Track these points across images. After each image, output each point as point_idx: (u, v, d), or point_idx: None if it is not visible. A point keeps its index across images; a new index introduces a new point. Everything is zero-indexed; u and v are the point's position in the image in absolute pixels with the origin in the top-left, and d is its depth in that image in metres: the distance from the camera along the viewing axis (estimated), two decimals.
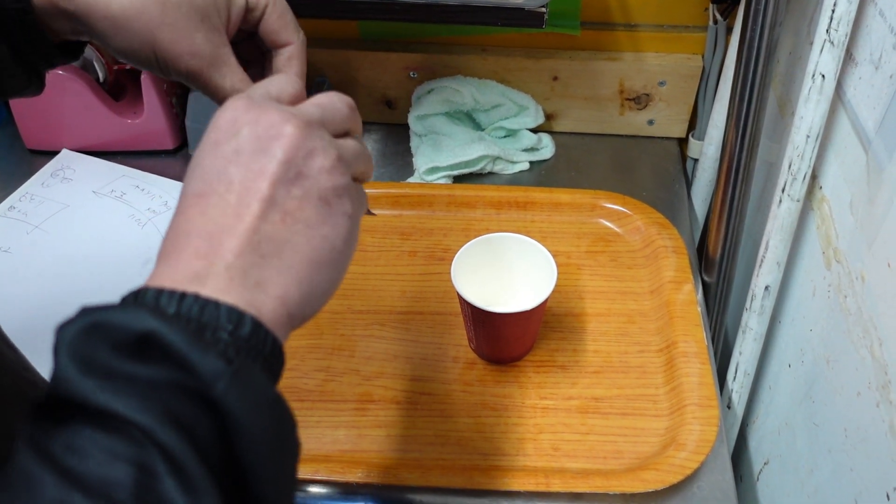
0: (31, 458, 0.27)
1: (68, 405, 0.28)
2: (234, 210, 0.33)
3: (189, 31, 0.44)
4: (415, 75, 0.95)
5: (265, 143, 0.35)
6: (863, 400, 0.54)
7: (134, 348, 0.29)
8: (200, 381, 0.28)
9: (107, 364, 0.28)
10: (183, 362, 0.28)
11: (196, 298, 0.30)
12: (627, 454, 0.63)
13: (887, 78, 0.53)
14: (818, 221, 0.65)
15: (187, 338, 0.29)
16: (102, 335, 0.29)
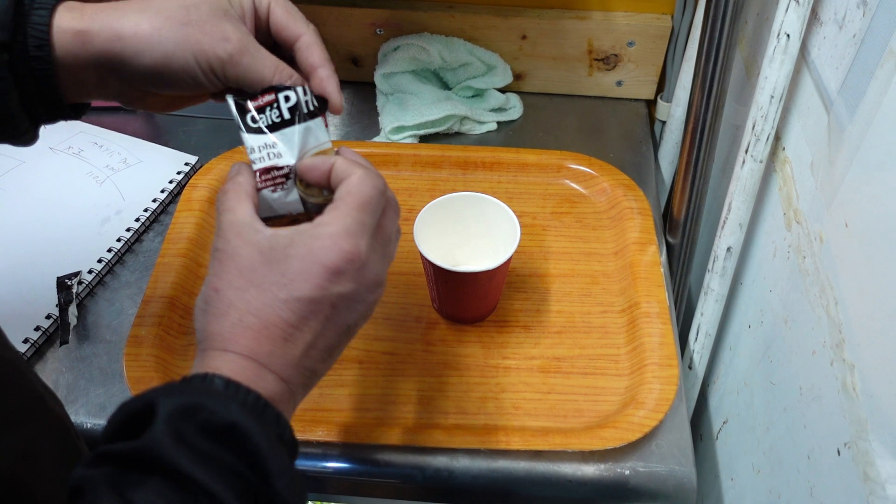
0: (113, 501, 0.33)
1: (154, 463, 0.34)
2: (307, 344, 0.42)
3: (216, 23, 0.46)
4: (381, 32, 0.93)
5: (360, 306, 0.43)
6: (818, 359, 0.55)
7: (220, 435, 0.36)
8: (268, 473, 0.36)
9: (194, 440, 0.35)
10: (256, 456, 0.36)
11: (260, 399, 0.39)
12: (588, 413, 0.64)
13: (850, 37, 0.53)
14: (780, 182, 0.65)
15: (263, 434, 0.36)
16: (197, 417, 0.36)
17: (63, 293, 0.71)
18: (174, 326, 0.68)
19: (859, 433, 0.47)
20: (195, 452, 0.35)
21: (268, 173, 0.47)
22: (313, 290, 0.41)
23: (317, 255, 0.41)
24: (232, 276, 0.41)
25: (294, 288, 0.41)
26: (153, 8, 0.45)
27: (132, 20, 0.44)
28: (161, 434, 0.35)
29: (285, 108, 0.47)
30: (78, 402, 0.65)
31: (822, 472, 0.53)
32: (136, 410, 0.37)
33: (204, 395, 0.37)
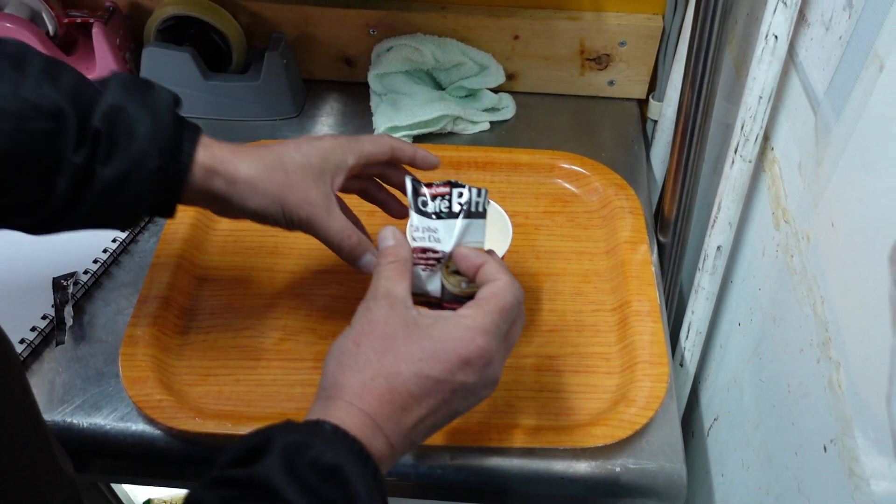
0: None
1: (265, 491, 0.38)
2: (416, 421, 0.46)
3: (307, 188, 0.56)
4: (374, 32, 0.94)
5: (473, 389, 0.47)
6: (805, 356, 0.56)
7: (326, 475, 0.39)
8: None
9: (303, 474, 0.39)
10: (356, 498, 0.39)
11: (364, 451, 0.42)
12: (579, 410, 0.64)
13: (837, 39, 0.54)
14: (769, 182, 0.66)
15: (366, 485, 0.40)
16: (307, 453, 0.40)
17: (59, 293, 0.72)
18: (169, 326, 0.69)
19: (845, 430, 0.48)
20: (302, 485, 0.38)
21: (424, 253, 0.53)
22: (442, 373, 0.45)
23: (454, 342, 0.46)
24: (375, 339, 0.46)
25: (426, 365, 0.45)
26: (264, 163, 0.55)
27: (245, 170, 0.55)
28: (274, 464, 0.39)
29: (455, 202, 0.53)
30: (74, 401, 0.66)
31: (809, 468, 0.54)
32: (256, 443, 0.41)
33: (316, 436, 0.41)
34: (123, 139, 0.51)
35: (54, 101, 0.49)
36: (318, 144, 0.58)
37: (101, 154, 0.51)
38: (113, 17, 0.92)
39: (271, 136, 0.91)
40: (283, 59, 0.91)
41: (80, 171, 0.50)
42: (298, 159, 0.57)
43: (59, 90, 0.50)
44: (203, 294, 0.73)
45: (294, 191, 0.56)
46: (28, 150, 0.49)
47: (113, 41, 0.91)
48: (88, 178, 0.51)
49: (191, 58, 0.90)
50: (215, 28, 0.92)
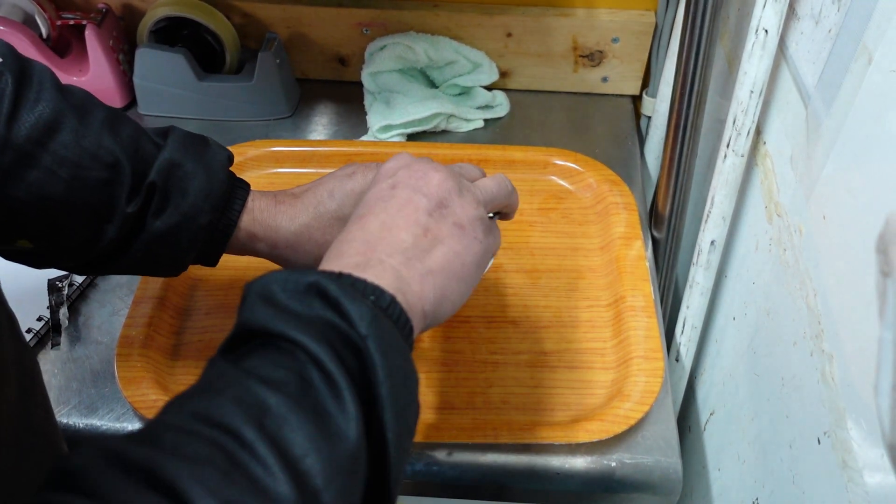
0: (225, 365, 0.36)
1: (252, 334, 0.37)
2: (387, 226, 0.44)
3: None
4: (367, 31, 0.94)
5: (416, 182, 0.47)
6: (798, 349, 0.56)
7: (302, 293, 0.38)
8: (349, 321, 0.37)
9: (282, 303, 0.37)
10: (337, 305, 0.37)
11: (351, 275, 0.40)
12: (574, 406, 0.65)
13: (826, 32, 0.54)
14: (762, 176, 0.66)
15: (342, 290, 0.37)
16: (281, 283, 0.38)
17: (54, 295, 0.72)
18: (165, 327, 0.69)
19: (838, 422, 0.48)
20: (282, 312, 0.37)
21: None
22: (371, 188, 0.48)
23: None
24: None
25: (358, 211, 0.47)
26: (302, 222, 0.57)
27: (284, 234, 0.57)
28: (251, 305, 0.38)
29: None
30: (70, 402, 0.66)
31: (803, 461, 0.54)
32: (240, 303, 0.40)
33: (284, 273, 0.39)
34: (177, 194, 0.53)
35: (112, 153, 0.51)
36: (351, 187, 0.58)
37: (154, 206, 0.53)
38: (106, 18, 0.92)
39: (265, 136, 0.91)
40: (277, 59, 0.91)
41: (131, 220, 0.52)
42: (333, 210, 0.57)
43: (118, 143, 0.51)
44: (198, 294, 0.73)
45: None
46: (83, 197, 0.50)
47: (106, 43, 0.91)
48: (139, 228, 0.53)
49: (184, 59, 0.90)
50: (208, 29, 0.92)
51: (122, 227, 0.52)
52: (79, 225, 0.51)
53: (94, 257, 0.54)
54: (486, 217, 0.49)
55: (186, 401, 0.34)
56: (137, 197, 0.52)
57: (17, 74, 0.49)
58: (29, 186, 0.49)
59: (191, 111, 0.94)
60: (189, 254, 0.56)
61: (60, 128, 0.49)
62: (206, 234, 0.55)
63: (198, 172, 0.54)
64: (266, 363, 0.35)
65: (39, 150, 0.49)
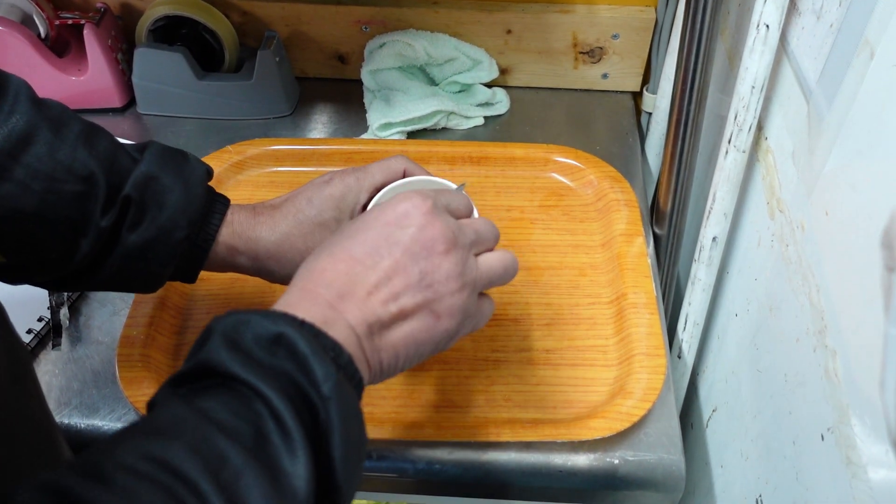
0: (181, 406, 0.35)
1: (213, 373, 0.37)
2: (370, 288, 0.44)
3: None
4: (367, 29, 0.94)
5: (419, 249, 0.45)
6: (801, 346, 0.55)
7: (270, 342, 0.38)
8: (313, 380, 0.37)
9: (248, 349, 0.38)
10: (304, 362, 0.38)
11: (315, 328, 0.40)
12: (577, 404, 0.64)
13: (828, 27, 0.54)
14: (763, 172, 0.66)
15: (310, 345, 0.38)
16: (248, 329, 0.38)
17: (54, 296, 0.72)
18: (165, 326, 0.69)
19: (841, 418, 0.48)
20: (248, 359, 0.37)
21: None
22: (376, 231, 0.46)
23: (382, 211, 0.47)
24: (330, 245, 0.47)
25: (361, 228, 0.47)
26: (282, 232, 0.57)
27: (265, 245, 0.56)
28: (216, 345, 0.38)
29: None
30: (71, 403, 0.65)
31: (807, 458, 0.54)
32: (200, 339, 0.40)
33: (253, 314, 0.40)
34: (153, 207, 0.53)
35: (87, 166, 0.51)
36: (329, 192, 0.58)
37: (129, 220, 0.52)
38: (104, 18, 0.91)
39: (264, 135, 0.91)
40: (276, 58, 0.91)
41: (106, 234, 0.52)
42: (312, 217, 0.57)
43: (94, 156, 0.51)
44: (198, 293, 0.73)
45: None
46: (56, 210, 0.50)
47: (105, 42, 0.90)
48: (113, 242, 0.53)
49: (183, 58, 0.89)
50: (207, 27, 0.92)
51: (96, 240, 0.52)
52: (53, 238, 0.51)
53: (69, 273, 0.53)
54: (473, 302, 0.48)
55: (141, 439, 0.34)
56: (112, 210, 0.52)
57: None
58: (1, 199, 0.48)
59: (190, 110, 0.94)
60: (166, 269, 0.55)
61: (34, 140, 0.49)
62: (183, 249, 0.54)
63: (175, 186, 0.54)
64: (224, 409, 0.35)
65: (12, 163, 0.48)
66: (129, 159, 0.54)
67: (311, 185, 0.60)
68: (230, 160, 0.83)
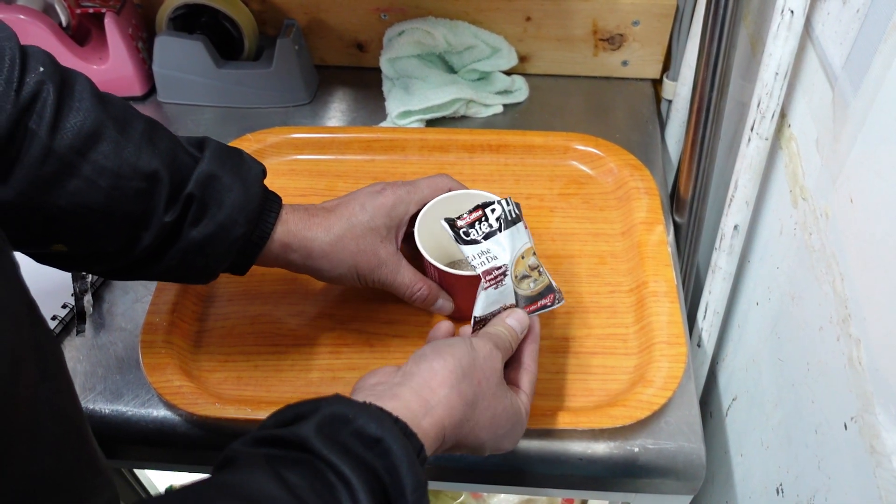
0: (268, 476, 0.38)
1: (306, 451, 0.40)
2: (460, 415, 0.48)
3: (376, 250, 0.62)
4: (385, 17, 0.93)
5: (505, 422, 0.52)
6: (824, 334, 0.55)
7: (369, 442, 0.41)
8: (402, 486, 0.40)
9: (345, 441, 0.41)
10: (397, 468, 0.41)
11: (408, 428, 0.44)
12: (597, 392, 0.64)
13: (854, 12, 0.53)
14: (786, 159, 0.65)
15: (406, 452, 0.41)
16: (349, 424, 0.42)
17: (78, 283, 0.73)
18: (188, 313, 0.69)
19: (865, 407, 0.48)
20: (343, 449, 0.40)
21: (490, 274, 0.57)
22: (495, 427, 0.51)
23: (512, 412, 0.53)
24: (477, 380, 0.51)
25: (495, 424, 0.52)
26: (335, 233, 0.60)
27: (319, 244, 0.60)
28: (313, 426, 0.41)
29: (493, 219, 0.59)
30: (96, 389, 0.66)
31: (829, 446, 0.54)
32: (303, 411, 0.43)
33: (361, 410, 0.43)
34: (214, 205, 0.55)
35: (151, 164, 0.52)
36: (381, 201, 0.62)
37: (191, 216, 0.54)
38: (125, 6, 0.92)
39: (284, 123, 0.91)
40: (295, 46, 0.91)
41: (168, 228, 0.54)
42: (365, 221, 0.61)
43: (157, 154, 0.53)
44: (220, 281, 0.73)
45: (365, 255, 0.61)
46: (121, 206, 0.52)
47: (125, 31, 0.91)
48: (175, 236, 0.55)
49: (203, 46, 0.90)
50: (227, 16, 0.92)
51: (158, 234, 0.54)
52: (116, 232, 0.53)
53: (127, 263, 0.55)
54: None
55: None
56: (175, 206, 0.54)
57: (59, 84, 0.49)
58: (69, 195, 0.50)
59: (210, 98, 0.94)
60: (222, 263, 0.58)
61: (101, 138, 0.50)
62: (240, 245, 0.57)
63: (234, 185, 0.56)
64: (310, 488, 0.38)
65: (80, 160, 0.50)
66: (190, 157, 0.55)
67: (362, 192, 0.64)
68: (250, 148, 0.84)
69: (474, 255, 0.58)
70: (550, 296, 0.60)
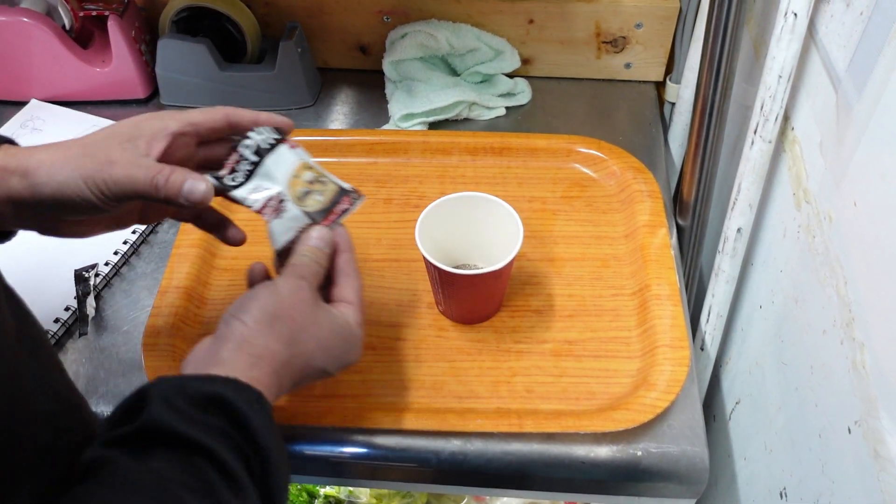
0: (133, 466, 0.40)
1: (157, 434, 0.41)
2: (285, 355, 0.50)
3: (108, 152, 0.52)
4: (388, 19, 0.93)
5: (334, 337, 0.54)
6: (828, 338, 0.55)
7: (207, 403, 0.43)
8: (252, 431, 0.43)
9: (186, 409, 0.42)
10: (241, 416, 0.43)
11: (240, 380, 0.46)
12: (600, 395, 0.64)
13: (858, 15, 0.53)
14: (790, 162, 0.65)
15: (247, 402, 0.44)
16: (184, 392, 0.43)
17: (81, 285, 0.73)
18: (190, 316, 0.69)
19: (869, 411, 0.47)
20: (188, 418, 0.42)
21: (267, 206, 0.56)
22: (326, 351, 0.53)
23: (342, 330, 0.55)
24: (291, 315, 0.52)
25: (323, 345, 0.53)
26: (60, 147, 0.52)
27: (38, 157, 0.51)
28: (157, 408, 0.42)
29: (250, 155, 0.57)
30: (98, 391, 0.66)
31: (833, 451, 0.53)
32: (132, 402, 0.43)
33: (189, 378, 0.45)
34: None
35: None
36: (133, 118, 0.55)
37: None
38: (128, 9, 0.92)
39: None
40: (298, 49, 0.91)
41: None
42: (102, 133, 0.54)
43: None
44: (223, 283, 0.73)
45: (91, 158, 0.51)
46: None
47: (128, 33, 0.91)
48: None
49: (206, 49, 0.90)
50: (230, 18, 0.92)
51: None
52: None
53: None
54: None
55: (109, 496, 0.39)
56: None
57: None
58: None
59: (212, 101, 0.94)
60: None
61: None
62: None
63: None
64: (171, 465, 0.40)
65: None
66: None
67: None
68: None
69: (247, 196, 0.56)
70: (346, 199, 0.58)
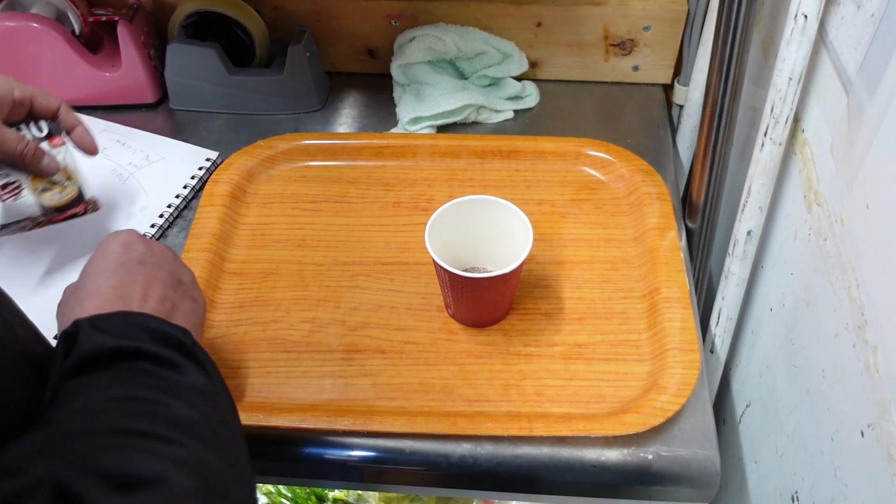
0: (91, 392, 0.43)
1: (96, 357, 0.45)
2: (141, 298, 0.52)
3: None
4: (396, 23, 0.94)
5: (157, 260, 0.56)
6: (840, 341, 0.55)
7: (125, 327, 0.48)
8: (177, 338, 0.49)
9: (116, 329, 0.47)
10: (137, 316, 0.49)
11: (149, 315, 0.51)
12: (610, 398, 0.64)
13: (869, 17, 0.53)
14: (800, 165, 0.65)
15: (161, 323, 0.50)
16: (108, 321, 0.48)
17: None
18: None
19: (883, 414, 0.47)
20: (115, 337, 0.46)
21: (5, 189, 0.68)
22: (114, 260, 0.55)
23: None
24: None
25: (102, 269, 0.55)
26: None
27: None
28: (87, 333, 0.46)
29: None
30: None
31: (846, 454, 0.53)
32: (64, 347, 0.46)
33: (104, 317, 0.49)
34: None
35: None
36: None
37: None
38: (137, 14, 0.92)
39: (295, 130, 0.92)
40: (307, 53, 0.91)
41: None
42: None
43: None
44: (232, 287, 0.73)
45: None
46: None
47: (138, 38, 0.91)
48: None
49: (215, 53, 0.90)
50: (238, 23, 0.92)
51: None
52: None
53: None
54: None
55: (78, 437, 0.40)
56: None
57: None
58: None
59: (221, 105, 0.95)
60: None
61: None
62: None
63: None
64: (118, 380, 0.44)
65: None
66: None
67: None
68: (262, 155, 0.84)
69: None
70: (82, 205, 0.71)
